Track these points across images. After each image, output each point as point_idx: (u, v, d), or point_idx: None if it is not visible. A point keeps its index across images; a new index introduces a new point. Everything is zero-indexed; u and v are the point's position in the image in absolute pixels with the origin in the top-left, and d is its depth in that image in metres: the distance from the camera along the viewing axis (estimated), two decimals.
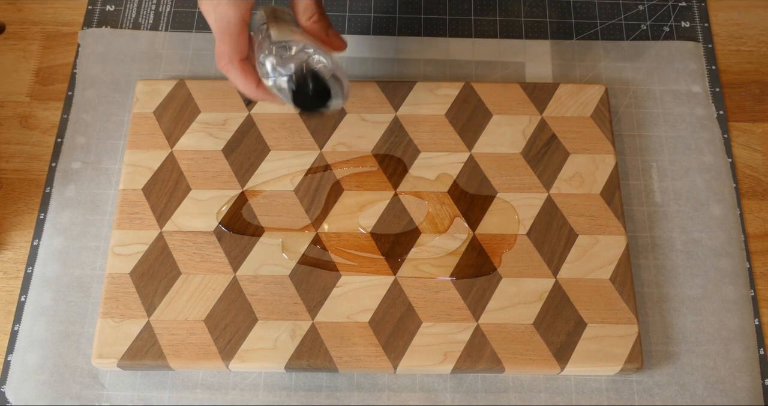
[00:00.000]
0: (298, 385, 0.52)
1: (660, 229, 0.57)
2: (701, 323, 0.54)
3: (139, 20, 0.65)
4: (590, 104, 0.59)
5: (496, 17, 0.66)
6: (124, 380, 0.52)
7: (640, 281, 0.56)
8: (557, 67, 0.64)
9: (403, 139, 0.58)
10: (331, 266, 0.54)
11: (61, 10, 0.66)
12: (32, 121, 0.61)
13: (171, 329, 0.51)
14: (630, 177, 0.59)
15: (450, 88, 0.60)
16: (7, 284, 0.56)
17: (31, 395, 0.52)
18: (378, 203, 0.56)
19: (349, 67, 0.63)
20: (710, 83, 0.63)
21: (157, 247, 0.54)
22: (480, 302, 0.52)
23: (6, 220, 0.58)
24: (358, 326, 0.52)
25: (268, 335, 0.51)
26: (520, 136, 0.58)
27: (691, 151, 0.60)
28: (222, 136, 0.58)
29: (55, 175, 0.59)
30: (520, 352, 0.51)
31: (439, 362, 0.51)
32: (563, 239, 0.55)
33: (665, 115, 0.62)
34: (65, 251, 0.56)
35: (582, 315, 0.52)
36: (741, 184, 0.60)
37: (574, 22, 0.66)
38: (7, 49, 0.64)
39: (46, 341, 0.53)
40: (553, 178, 0.57)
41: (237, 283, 0.53)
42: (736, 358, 0.53)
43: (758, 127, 0.62)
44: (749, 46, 0.66)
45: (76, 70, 0.63)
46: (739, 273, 0.56)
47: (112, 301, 0.52)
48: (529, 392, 0.52)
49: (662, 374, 0.53)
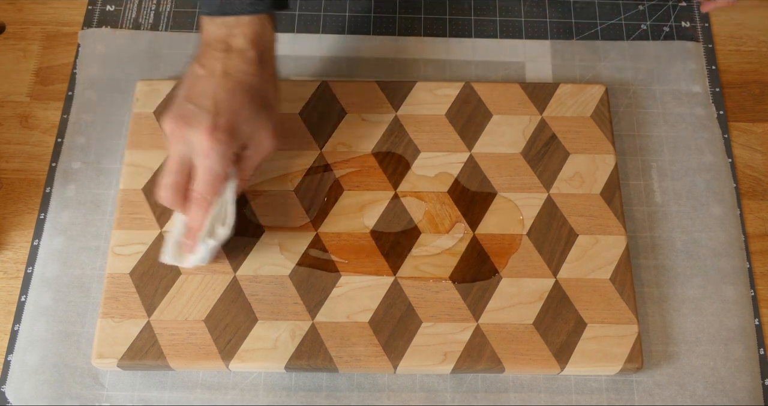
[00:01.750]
0: (298, 385, 0.52)
1: (660, 229, 0.57)
2: (701, 323, 0.54)
3: (139, 20, 0.65)
4: (590, 104, 0.59)
5: (496, 17, 0.66)
6: (124, 380, 0.52)
7: (640, 281, 0.56)
8: (557, 67, 0.64)
9: (403, 139, 0.58)
10: (331, 266, 0.54)
11: (61, 10, 0.66)
12: (32, 121, 0.61)
13: (171, 329, 0.51)
14: (630, 177, 0.59)
15: (450, 88, 0.60)
16: (7, 284, 0.56)
17: (31, 395, 0.52)
18: (378, 202, 0.56)
19: (350, 67, 0.63)
20: (710, 83, 0.63)
21: (157, 247, 0.54)
22: (480, 302, 0.52)
23: (6, 220, 0.58)
24: (358, 326, 0.52)
25: (268, 335, 0.51)
26: (520, 136, 0.58)
27: (691, 151, 0.60)
28: None
29: (55, 175, 0.59)
30: (520, 352, 0.51)
31: (439, 362, 0.51)
32: (563, 239, 0.55)
33: (665, 115, 0.61)
34: (65, 251, 0.56)
35: (582, 315, 0.52)
36: (741, 184, 0.60)
37: (574, 22, 0.66)
38: (7, 49, 0.64)
39: (46, 341, 0.53)
40: (553, 178, 0.57)
41: (237, 283, 0.53)
42: (736, 358, 0.53)
43: (758, 127, 0.62)
44: (749, 46, 0.66)
45: (76, 70, 0.63)
46: (739, 273, 0.56)
47: (112, 301, 0.52)
48: (529, 392, 0.52)
49: (662, 374, 0.53)
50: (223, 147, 0.46)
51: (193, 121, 0.46)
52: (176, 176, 0.48)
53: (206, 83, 0.47)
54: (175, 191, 0.48)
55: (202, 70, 0.48)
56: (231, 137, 0.46)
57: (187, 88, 0.48)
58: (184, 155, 0.47)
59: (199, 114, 0.46)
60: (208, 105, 0.46)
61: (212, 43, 0.48)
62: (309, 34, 0.65)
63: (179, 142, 0.47)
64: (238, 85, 0.47)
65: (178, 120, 0.46)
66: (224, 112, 0.46)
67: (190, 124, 0.46)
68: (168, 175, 0.48)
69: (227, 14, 0.48)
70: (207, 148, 0.46)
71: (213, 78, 0.47)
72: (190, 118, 0.46)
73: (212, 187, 0.47)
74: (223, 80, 0.47)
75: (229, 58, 0.48)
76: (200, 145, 0.46)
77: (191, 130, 0.46)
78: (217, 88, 0.47)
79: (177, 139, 0.47)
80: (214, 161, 0.46)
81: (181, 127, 0.46)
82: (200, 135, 0.46)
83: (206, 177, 0.47)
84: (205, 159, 0.46)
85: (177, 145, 0.47)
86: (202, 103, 0.47)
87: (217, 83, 0.47)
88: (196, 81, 0.48)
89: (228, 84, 0.47)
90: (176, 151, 0.47)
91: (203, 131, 0.46)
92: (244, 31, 0.48)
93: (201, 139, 0.46)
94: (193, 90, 0.48)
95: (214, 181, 0.47)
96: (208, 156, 0.46)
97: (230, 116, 0.47)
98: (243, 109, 0.47)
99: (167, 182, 0.48)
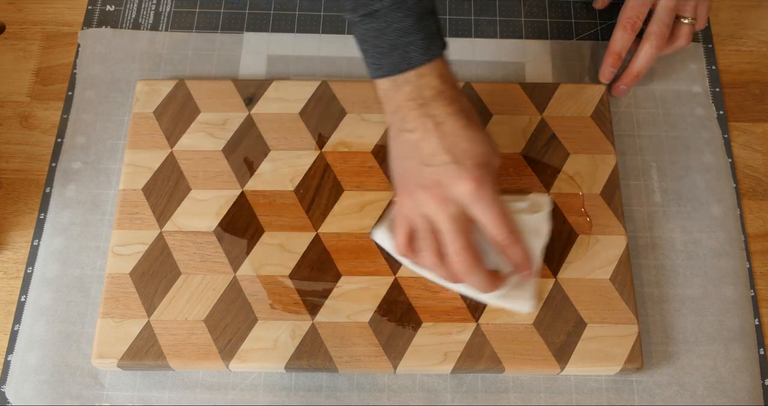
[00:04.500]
0: (298, 385, 0.52)
1: (660, 229, 0.57)
2: (701, 323, 0.54)
3: (139, 20, 0.65)
4: (590, 104, 0.59)
5: (496, 17, 0.66)
6: (124, 380, 0.52)
7: (640, 281, 0.56)
8: (557, 67, 0.64)
9: None
10: (331, 266, 0.54)
11: (61, 10, 0.66)
12: (32, 121, 0.61)
13: (171, 329, 0.51)
14: (630, 177, 0.59)
15: None
16: (7, 284, 0.56)
17: (31, 395, 0.52)
18: (378, 202, 0.56)
19: (350, 67, 0.63)
20: (710, 83, 0.63)
21: (157, 247, 0.54)
22: (480, 302, 0.52)
23: (6, 220, 0.58)
24: (358, 326, 0.52)
25: (268, 335, 0.51)
26: (520, 136, 0.58)
27: (691, 151, 0.60)
28: (222, 136, 0.58)
29: (55, 175, 0.59)
30: (520, 352, 0.51)
31: (439, 362, 0.51)
32: (563, 239, 0.55)
33: (665, 115, 0.61)
34: (65, 251, 0.56)
35: (582, 315, 0.52)
36: (741, 184, 0.60)
37: (574, 22, 0.66)
38: (7, 49, 0.64)
39: (46, 341, 0.53)
40: (553, 178, 0.57)
41: (237, 283, 0.53)
42: (736, 358, 0.53)
43: (758, 127, 0.62)
44: (749, 46, 0.66)
45: (76, 70, 0.63)
46: (739, 273, 0.56)
47: (112, 301, 0.52)
48: (529, 392, 0.52)
49: (662, 374, 0.53)
50: (489, 182, 0.45)
51: (446, 182, 0.45)
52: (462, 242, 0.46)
53: (428, 142, 0.45)
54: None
55: (414, 134, 0.46)
56: (487, 170, 0.45)
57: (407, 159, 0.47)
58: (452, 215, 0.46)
59: (448, 170, 0.45)
60: (447, 159, 0.45)
61: (403, 104, 0.46)
62: (309, 34, 0.65)
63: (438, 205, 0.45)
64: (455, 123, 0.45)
65: (428, 189, 0.45)
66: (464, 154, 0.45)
67: (445, 185, 0.45)
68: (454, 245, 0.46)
69: (404, 71, 0.45)
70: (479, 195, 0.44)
71: (430, 134, 0.45)
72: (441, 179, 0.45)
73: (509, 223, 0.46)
74: (440, 129, 0.45)
75: (432, 109, 0.45)
76: (469, 195, 0.45)
77: (452, 189, 0.45)
78: (441, 140, 0.45)
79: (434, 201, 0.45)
80: (493, 201, 0.45)
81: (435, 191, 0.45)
82: (466, 185, 0.44)
83: (497, 221, 0.45)
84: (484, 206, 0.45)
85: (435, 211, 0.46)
86: (441, 160, 0.45)
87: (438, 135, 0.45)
88: (415, 146, 0.46)
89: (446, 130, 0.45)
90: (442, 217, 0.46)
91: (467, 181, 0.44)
92: (429, 82, 0.46)
93: (467, 188, 0.44)
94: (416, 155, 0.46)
95: (506, 218, 0.46)
96: (484, 200, 0.45)
97: (472, 156, 0.45)
98: (477, 143, 0.45)
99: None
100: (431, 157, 0.45)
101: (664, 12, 0.58)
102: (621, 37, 0.59)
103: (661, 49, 0.59)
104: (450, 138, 0.45)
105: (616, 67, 0.60)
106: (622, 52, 0.59)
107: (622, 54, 0.59)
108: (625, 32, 0.59)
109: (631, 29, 0.59)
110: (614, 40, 0.60)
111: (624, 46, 0.59)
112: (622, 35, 0.59)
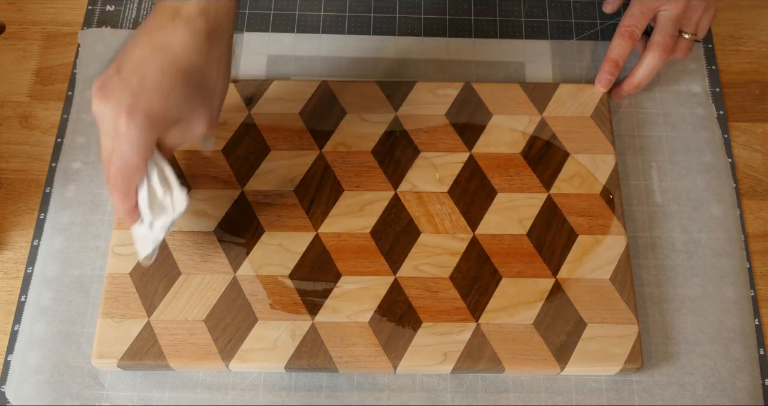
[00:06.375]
0: (298, 385, 0.52)
1: (660, 229, 0.57)
2: (701, 323, 0.54)
3: (139, 20, 0.65)
4: (590, 104, 0.59)
5: (496, 17, 0.66)
6: (124, 380, 0.52)
7: (640, 281, 0.56)
8: (557, 67, 0.64)
9: (403, 139, 0.58)
10: (331, 266, 0.54)
11: (61, 10, 0.66)
12: (32, 121, 0.61)
13: (171, 329, 0.51)
14: (630, 177, 0.59)
15: (450, 88, 0.60)
16: (7, 284, 0.56)
17: (31, 395, 0.52)
18: (378, 202, 0.56)
19: (350, 67, 0.63)
20: (710, 83, 0.63)
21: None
22: (480, 302, 0.52)
23: (6, 220, 0.58)
24: (358, 326, 0.52)
25: (268, 335, 0.51)
26: (520, 136, 0.58)
27: (691, 151, 0.60)
28: (222, 136, 0.58)
29: (55, 175, 0.59)
30: (520, 352, 0.51)
31: (439, 362, 0.51)
32: (563, 239, 0.55)
33: (665, 116, 0.61)
34: (65, 251, 0.56)
35: (582, 315, 0.52)
36: (741, 184, 0.60)
37: (574, 22, 0.66)
38: (7, 49, 0.64)
39: (46, 341, 0.53)
40: (553, 178, 0.57)
41: (237, 283, 0.53)
42: (736, 358, 0.53)
43: (758, 127, 0.62)
44: (749, 46, 0.66)
45: (76, 70, 0.63)
46: (739, 273, 0.56)
47: (112, 301, 0.52)
48: (529, 392, 0.52)
49: (662, 374, 0.53)
50: (138, 133, 0.41)
51: (111, 96, 0.41)
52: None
53: (141, 54, 0.42)
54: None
55: (143, 38, 0.42)
56: (151, 123, 0.42)
57: (123, 54, 0.42)
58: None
59: (121, 90, 0.41)
60: (134, 81, 0.41)
61: (162, 8, 0.42)
62: (309, 34, 0.65)
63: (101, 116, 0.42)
64: (174, 62, 0.42)
65: (100, 90, 0.41)
66: (149, 92, 0.41)
67: (107, 98, 0.41)
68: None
69: None
70: (121, 131, 0.41)
71: (150, 49, 0.42)
72: (110, 92, 0.41)
73: (123, 176, 0.43)
74: (160, 55, 0.42)
75: (173, 28, 0.42)
76: (115, 127, 0.41)
77: (107, 106, 0.41)
78: (150, 62, 0.41)
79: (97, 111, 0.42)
80: (127, 148, 0.42)
81: (99, 99, 0.41)
82: (116, 115, 0.41)
83: (117, 163, 0.43)
84: (118, 143, 0.42)
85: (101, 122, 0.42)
86: (127, 78, 0.41)
87: (152, 57, 0.42)
88: (133, 49, 0.42)
89: (163, 60, 0.42)
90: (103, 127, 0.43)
91: (120, 111, 0.41)
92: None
93: (116, 119, 0.41)
94: (125, 59, 0.42)
95: (125, 169, 0.43)
96: (121, 140, 0.41)
97: (155, 99, 0.41)
98: (173, 92, 0.42)
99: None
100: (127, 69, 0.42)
101: (667, 23, 0.58)
102: (619, 44, 0.59)
103: (665, 61, 0.59)
104: (156, 69, 0.41)
105: (613, 75, 0.59)
106: (620, 60, 0.59)
107: (619, 62, 0.59)
108: (623, 40, 0.59)
109: (630, 37, 0.59)
110: (612, 47, 0.60)
111: (621, 54, 0.59)
112: (620, 43, 0.59)
